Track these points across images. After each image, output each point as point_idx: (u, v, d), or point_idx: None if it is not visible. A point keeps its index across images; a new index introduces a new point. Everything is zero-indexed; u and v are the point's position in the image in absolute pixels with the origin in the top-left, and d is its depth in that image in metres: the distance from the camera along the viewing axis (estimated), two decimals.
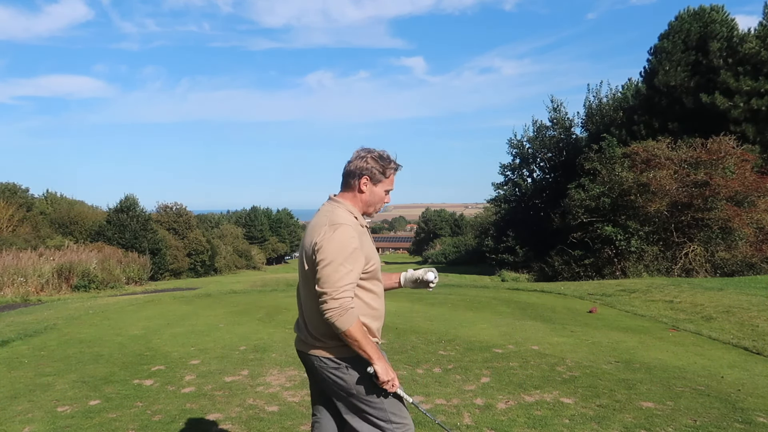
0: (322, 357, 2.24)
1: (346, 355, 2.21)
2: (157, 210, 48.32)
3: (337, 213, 2.23)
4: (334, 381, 2.25)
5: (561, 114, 32.92)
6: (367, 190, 2.31)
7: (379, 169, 2.30)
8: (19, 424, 3.88)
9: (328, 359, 2.23)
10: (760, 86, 20.17)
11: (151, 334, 7.17)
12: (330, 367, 2.23)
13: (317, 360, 2.26)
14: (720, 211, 15.83)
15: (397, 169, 2.37)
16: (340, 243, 2.12)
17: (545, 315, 8.29)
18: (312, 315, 2.24)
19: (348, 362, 2.22)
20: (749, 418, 3.83)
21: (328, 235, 2.13)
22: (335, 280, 2.09)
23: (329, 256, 2.10)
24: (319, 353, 2.25)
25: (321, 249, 2.12)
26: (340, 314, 2.08)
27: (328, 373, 2.24)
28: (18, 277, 18.00)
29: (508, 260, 31.30)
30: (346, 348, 2.19)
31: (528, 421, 3.79)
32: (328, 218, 2.20)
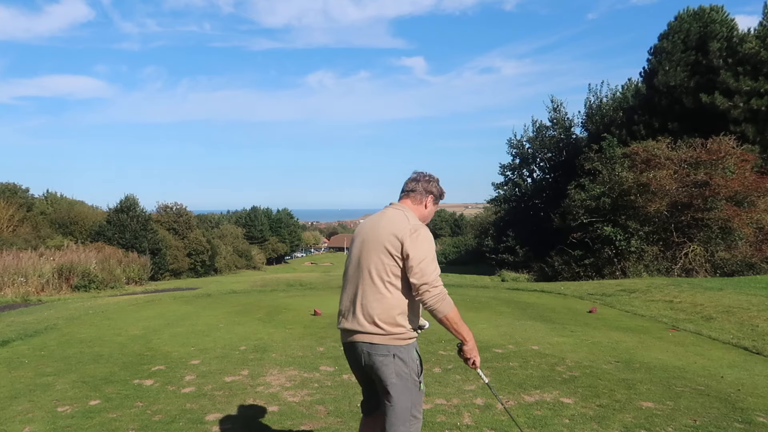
0: (374, 344, 2.49)
1: (395, 344, 2.49)
2: (157, 210, 48.35)
3: (412, 217, 2.60)
4: (379, 367, 2.49)
5: (561, 114, 32.95)
6: (429, 207, 2.76)
7: (439, 193, 2.80)
8: (19, 424, 3.88)
9: (380, 346, 2.49)
10: (760, 86, 20.18)
11: (151, 334, 7.17)
12: (379, 353, 2.49)
13: (368, 347, 2.50)
14: (720, 211, 15.83)
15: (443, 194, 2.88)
16: (429, 242, 2.50)
17: (545, 315, 8.30)
18: (372, 303, 2.50)
19: (396, 352, 2.49)
20: (749, 417, 3.83)
21: (419, 236, 2.47)
22: (431, 271, 2.43)
23: (423, 253, 2.44)
24: (372, 340, 2.50)
25: (413, 248, 2.44)
26: (441, 299, 2.44)
27: (375, 359, 2.49)
28: (18, 277, 18.01)
29: (508, 260, 31.33)
30: (398, 338, 2.50)
31: (528, 421, 3.79)
32: (408, 222, 2.53)
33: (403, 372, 2.50)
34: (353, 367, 2.68)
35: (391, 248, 2.47)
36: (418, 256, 2.43)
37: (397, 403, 2.51)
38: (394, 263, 2.47)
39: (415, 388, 2.55)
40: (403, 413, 2.52)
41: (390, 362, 2.49)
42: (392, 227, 2.52)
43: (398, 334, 2.50)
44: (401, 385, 2.50)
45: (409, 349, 2.54)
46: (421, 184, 2.75)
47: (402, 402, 2.51)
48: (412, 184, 2.76)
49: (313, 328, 7.35)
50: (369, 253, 2.53)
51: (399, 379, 2.50)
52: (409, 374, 2.51)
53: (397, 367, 2.50)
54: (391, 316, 2.48)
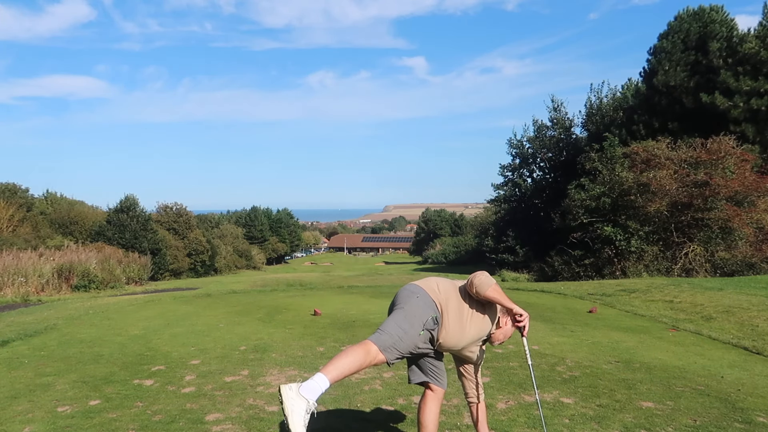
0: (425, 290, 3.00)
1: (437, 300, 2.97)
2: (157, 210, 48.34)
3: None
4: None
5: (561, 114, 32.92)
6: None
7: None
8: (19, 424, 3.88)
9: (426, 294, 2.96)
10: (760, 86, 20.17)
11: (151, 334, 7.16)
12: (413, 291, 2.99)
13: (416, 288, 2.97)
14: (720, 211, 15.83)
15: None
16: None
17: (545, 315, 8.30)
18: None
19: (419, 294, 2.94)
20: (749, 417, 3.83)
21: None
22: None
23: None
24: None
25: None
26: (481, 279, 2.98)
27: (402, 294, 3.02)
28: (18, 277, 18.01)
29: (508, 260, 31.31)
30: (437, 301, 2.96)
31: (528, 421, 3.79)
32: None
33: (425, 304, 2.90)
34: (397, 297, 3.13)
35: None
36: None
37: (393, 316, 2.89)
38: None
39: (412, 328, 2.81)
40: (390, 324, 2.85)
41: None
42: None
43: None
44: (408, 311, 2.86)
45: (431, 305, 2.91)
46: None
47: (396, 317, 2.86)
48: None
49: (313, 328, 7.35)
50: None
51: (409, 307, 2.88)
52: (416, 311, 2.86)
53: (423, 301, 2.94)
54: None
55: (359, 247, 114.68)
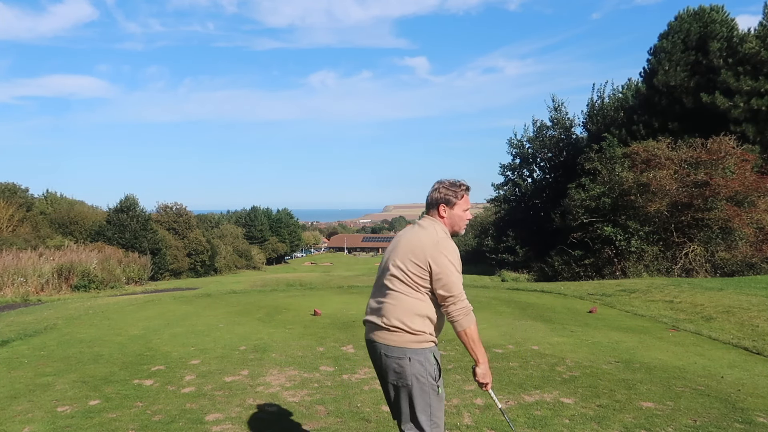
0: (390, 345, 2.52)
1: (412, 347, 2.50)
2: (157, 210, 48.35)
3: (440, 230, 2.62)
4: (394, 370, 2.51)
5: (562, 114, 32.91)
6: (446, 214, 2.68)
7: (449, 195, 2.68)
8: (19, 424, 3.88)
9: (396, 348, 2.50)
10: (760, 86, 20.16)
11: (151, 334, 7.16)
12: (395, 355, 2.50)
13: (384, 348, 2.53)
14: (720, 211, 15.82)
15: (467, 189, 2.73)
16: (455, 254, 2.54)
17: (545, 315, 8.29)
18: (392, 308, 2.53)
19: (412, 354, 2.50)
20: (749, 418, 3.83)
21: (444, 247, 2.51)
22: (458, 284, 2.49)
23: (450, 265, 2.49)
24: (388, 341, 2.53)
25: (441, 260, 2.48)
26: (466, 313, 2.49)
27: (391, 362, 2.51)
28: (18, 277, 18.00)
29: (508, 260, 31.31)
30: (415, 341, 2.51)
31: (528, 421, 3.79)
32: (435, 233, 2.58)
33: (419, 375, 2.49)
34: (374, 365, 2.69)
35: (415, 258, 2.51)
36: (445, 267, 2.48)
37: (414, 407, 2.50)
38: (418, 271, 2.50)
39: (433, 393, 2.52)
40: (421, 419, 2.50)
41: (406, 365, 2.49)
42: (419, 238, 2.58)
43: (416, 335, 2.50)
44: (418, 389, 2.49)
45: (426, 353, 2.53)
46: (429, 196, 2.74)
47: (419, 406, 2.49)
48: (428, 197, 2.75)
49: (313, 328, 7.34)
50: (395, 260, 2.58)
51: (414, 381, 2.49)
52: (426, 378, 2.50)
53: (413, 369, 2.49)
54: (409, 319, 2.50)
55: (359, 247, 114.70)
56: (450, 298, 2.47)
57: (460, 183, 2.73)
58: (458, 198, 2.69)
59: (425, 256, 2.50)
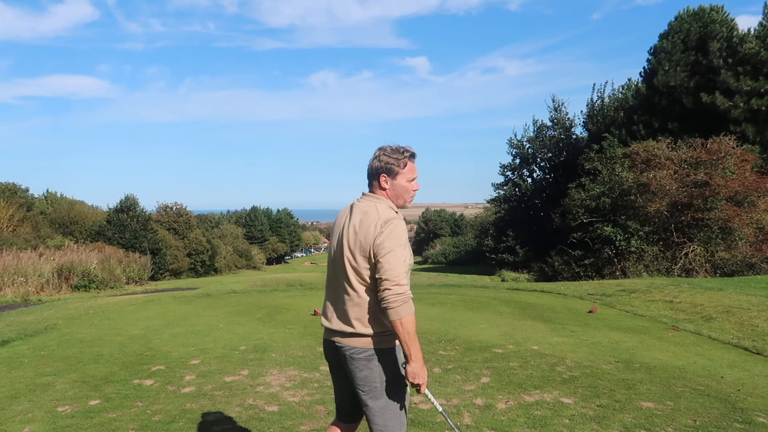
0: (354, 347, 2.33)
1: (378, 346, 2.32)
2: (157, 210, 48.32)
3: (382, 209, 2.35)
4: (361, 373, 2.33)
5: (562, 114, 32.91)
6: (389, 185, 2.41)
7: (391, 162, 2.40)
8: (19, 424, 3.88)
9: (360, 349, 2.32)
10: (760, 86, 20.17)
11: (151, 334, 7.16)
12: (360, 356, 2.32)
13: (348, 350, 2.34)
14: (720, 211, 15.83)
15: (412, 156, 2.45)
16: (396, 234, 2.26)
17: (545, 315, 8.29)
18: (350, 304, 2.34)
19: (379, 354, 2.33)
20: (749, 418, 3.83)
21: (387, 228, 2.26)
22: (397, 266, 2.21)
23: (389, 247, 2.23)
24: (351, 342, 2.34)
25: (380, 243, 2.24)
26: (403, 301, 2.21)
27: (358, 365, 2.33)
28: (18, 277, 18.00)
29: (508, 260, 31.31)
30: (379, 340, 2.32)
31: (528, 421, 3.79)
32: (377, 212, 2.32)
33: (388, 376, 2.34)
34: (331, 368, 2.53)
35: (362, 250, 2.29)
36: (383, 250, 2.23)
37: (381, 410, 2.34)
38: (367, 264, 2.29)
39: (402, 392, 2.38)
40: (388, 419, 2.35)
41: (375, 366, 2.33)
42: (363, 223, 2.32)
43: (379, 335, 2.32)
44: (385, 389, 2.34)
45: (394, 353, 2.37)
46: (370, 165, 2.45)
47: (386, 408, 2.35)
48: (368, 168, 2.46)
49: (313, 328, 7.35)
50: (343, 253, 2.35)
51: (381, 383, 2.34)
52: (395, 378, 2.35)
53: (380, 371, 2.33)
54: (372, 319, 2.31)
55: None
56: (386, 281, 2.21)
57: (403, 149, 2.44)
58: (401, 166, 2.41)
59: (370, 244, 2.26)
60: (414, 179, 2.46)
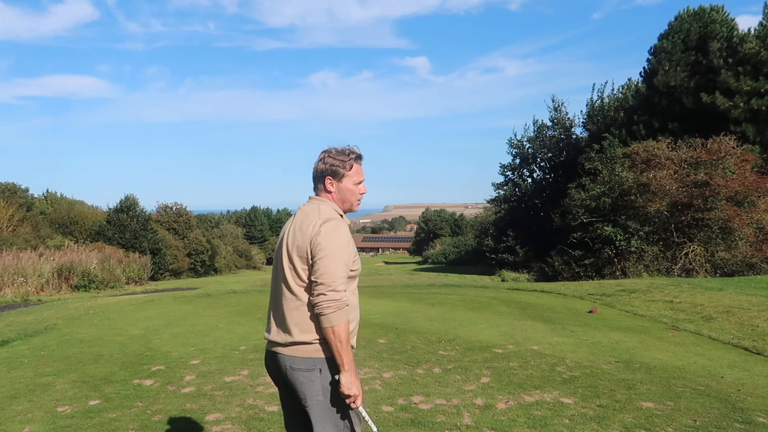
0: (295, 357, 2.18)
1: (322, 356, 2.17)
2: (157, 210, 48.31)
3: (325, 210, 2.26)
4: (303, 384, 2.18)
5: (562, 114, 32.90)
6: (334, 188, 2.33)
7: (336, 164, 2.31)
8: (19, 424, 3.88)
9: (302, 359, 2.17)
10: (760, 86, 20.16)
11: (151, 334, 7.17)
12: (302, 367, 2.17)
13: (289, 360, 2.19)
14: (720, 211, 15.83)
15: (359, 158, 2.36)
16: (336, 236, 2.15)
17: (545, 315, 8.29)
18: (289, 309, 2.20)
19: (322, 365, 2.17)
20: (749, 418, 3.83)
21: (324, 230, 2.15)
22: (333, 271, 2.10)
23: (327, 248, 2.12)
24: (290, 352, 2.19)
25: (317, 243, 2.13)
26: (338, 307, 2.09)
27: (299, 376, 2.18)
28: (18, 277, 18.00)
29: (508, 260, 31.29)
30: (321, 348, 2.17)
31: (528, 421, 3.79)
32: (318, 215, 2.22)
33: (330, 387, 2.17)
34: (275, 381, 2.38)
35: (300, 252, 2.18)
36: (320, 252, 2.12)
37: (324, 427, 2.18)
38: (306, 265, 2.17)
39: (346, 407, 2.20)
40: None
41: (316, 377, 2.16)
42: (302, 227, 2.22)
43: (323, 341, 2.16)
44: (332, 403, 2.18)
45: (334, 365, 2.18)
46: (315, 167, 2.36)
47: (329, 425, 2.18)
48: (313, 170, 2.38)
49: None
50: (284, 257, 2.24)
51: (325, 396, 2.17)
52: (339, 391, 2.16)
53: (323, 381, 2.16)
54: (314, 326, 2.16)
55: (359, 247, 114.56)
56: (320, 285, 2.09)
57: (349, 150, 2.35)
58: (347, 168, 2.32)
59: (307, 244, 2.16)
60: (361, 182, 2.37)
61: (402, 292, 12.28)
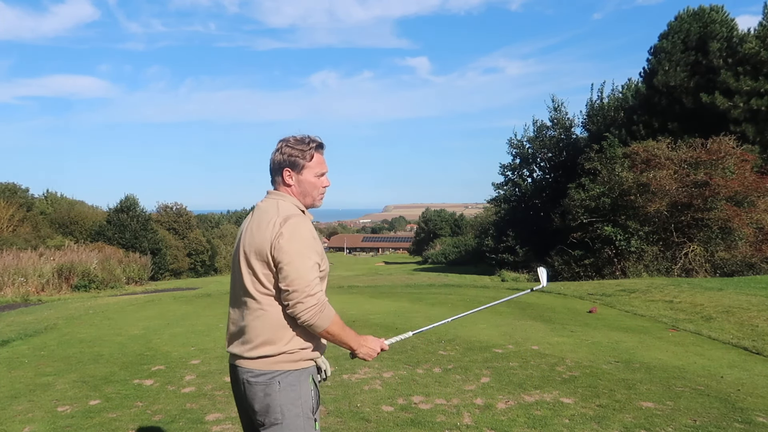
0: (253, 369, 1.98)
1: (280, 368, 1.98)
2: (157, 210, 48.32)
3: (284, 206, 2.04)
4: (259, 399, 1.98)
5: (561, 114, 32.91)
6: (294, 181, 2.10)
7: (294, 155, 2.08)
8: (19, 424, 3.88)
9: (259, 372, 1.98)
10: (760, 86, 20.17)
11: (151, 334, 7.17)
12: (259, 381, 1.98)
13: (246, 373, 2.00)
14: (720, 211, 15.84)
15: (320, 146, 2.15)
16: (300, 235, 1.95)
17: (545, 315, 8.30)
18: (249, 318, 2.00)
19: (281, 378, 1.97)
20: (749, 417, 3.83)
21: (286, 230, 1.93)
22: (304, 274, 1.90)
23: (292, 250, 1.91)
24: (248, 364, 1.99)
25: (280, 246, 1.92)
26: (320, 310, 1.93)
27: (256, 390, 1.98)
28: (18, 277, 18.00)
29: (508, 260, 31.29)
30: (284, 361, 1.98)
31: (528, 421, 3.79)
32: (277, 213, 2.00)
33: (291, 405, 1.97)
34: (236, 397, 2.16)
35: (262, 250, 1.95)
36: (286, 255, 1.91)
37: None
38: (266, 270, 1.96)
39: (309, 427, 2.00)
40: None
41: (274, 392, 1.96)
42: (261, 227, 1.99)
43: (284, 354, 1.97)
44: (288, 424, 1.96)
45: (300, 376, 2.00)
46: (272, 158, 2.13)
47: None
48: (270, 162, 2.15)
49: None
50: (242, 260, 2.01)
51: (284, 415, 1.96)
52: (300, 408, 1.97)
53: (282, 398, 1.96)
54: (275, 335, 1.96)
55: (359, 247, 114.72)
56: (294, 293, 1.90)
57: (309, 138, 2.12)
58: (307, 159, 2.09)
59: (267, 246, 1.93)
60: (323, 174, 2.14)
61: (402, 292, 12.29)
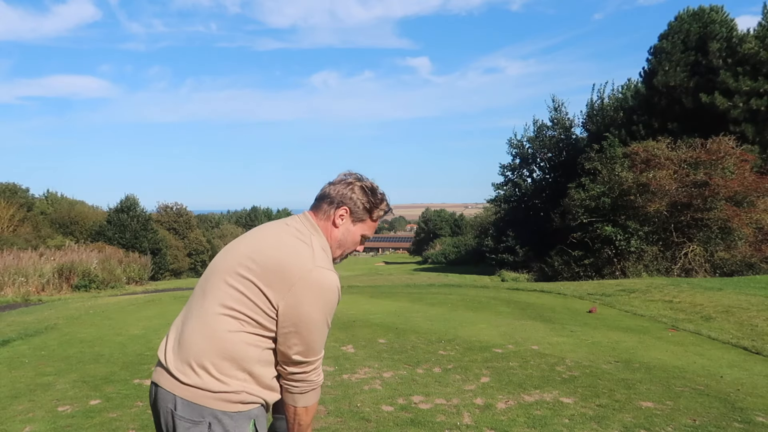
0: (187, 401, 1.58)
1: (218, 407, 1.58)
2: (157, 210, 48.33)
3: (319, 248, 1.70)
4: None
5: (561, 114, 32.93)
6: (343, 226, 1.78)
7: (366, 204, 1.79)
8: (19, 424, 3.89)
9: (192, 406, 1.58)
10: (760, 86, 20.19)
11: (151, 334, 7.17)
12: (187, 416, 1.58)
13: (175, 403, 1.59)
14: (719, 211, 15.85)
15: (387, 212, 1.87)
16: (332, 304, 1.66)
17: (545, 315, 8.30)
18: (204, 336, 1.61)
19: (213, 419, 1.58)
20: (748, 417, 3.84)
21: (318, 289, 1.62)
22: (320, 348, 1.70)
23: (319, 320, 1.64)
24: (183, 393, 1.59)
25: (302, 305, 1.61)
26: (313, 388, 1.71)
27: (180, 423, 1.58)
28: (19, 277, 18.01)
29: (508, 260, 31.30)
30: (225, 399, 1.58)
31: (528, 420, 3.80)
32: (312, 250, 1.66)
33: None
34: (155, 423, 1.69)
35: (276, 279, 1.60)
36: (307, 322, 1.62)
37: None
38: (265, 300, 1.60)
39: None
40: None
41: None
42: (286, 242, 1.66)
43: (229, 393, 1.59)
44: None
45: (241, 421, 1.60)
46: (335, 187, 1.79)
47: None
48: (328, 188, 1.80)
49: None
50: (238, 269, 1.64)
51: None
52: None
53: None
54: (230, 364, 1.59)
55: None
56: (304, 365, 1.65)
57: (384, 197, 1.84)
58: (372, 216, 1.81)
59: (289, 284, 1.59)
60: (366, 239, 1.85)
61: (402, 292, 12.30)
